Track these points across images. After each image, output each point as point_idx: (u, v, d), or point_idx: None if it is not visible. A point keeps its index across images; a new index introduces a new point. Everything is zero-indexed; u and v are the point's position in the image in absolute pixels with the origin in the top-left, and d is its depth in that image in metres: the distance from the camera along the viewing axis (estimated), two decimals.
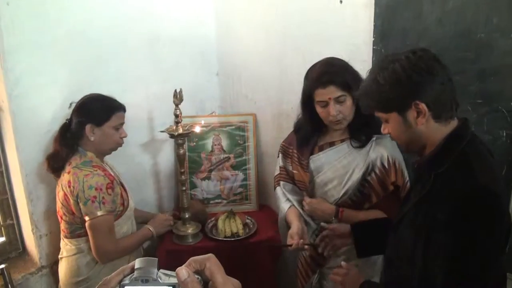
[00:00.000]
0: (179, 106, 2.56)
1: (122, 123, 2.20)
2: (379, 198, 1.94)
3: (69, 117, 2.19)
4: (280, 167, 2.28)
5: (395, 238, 1.53)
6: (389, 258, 1.62)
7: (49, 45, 2.27)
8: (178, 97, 2.54)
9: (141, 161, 2.92)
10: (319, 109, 1.95)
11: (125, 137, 2.24)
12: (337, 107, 1.89)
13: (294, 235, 1.93)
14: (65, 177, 2.07)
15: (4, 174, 2.37)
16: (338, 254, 2.05)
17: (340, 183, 1.98)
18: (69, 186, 2.03)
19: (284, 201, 2.18)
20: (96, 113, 2.12)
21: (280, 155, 2.28)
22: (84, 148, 2.14)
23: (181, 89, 2.54)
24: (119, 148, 2.67)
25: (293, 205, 2.13)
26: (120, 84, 2.67)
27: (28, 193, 2.29)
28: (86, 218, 2.04)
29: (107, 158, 2.33)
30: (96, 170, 2.07)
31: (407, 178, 1.92)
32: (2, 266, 2.15)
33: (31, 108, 2.22)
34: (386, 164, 1.91)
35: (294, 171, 2.16)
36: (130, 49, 2.71)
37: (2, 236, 2.43)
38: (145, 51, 2.81)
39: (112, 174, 2.19)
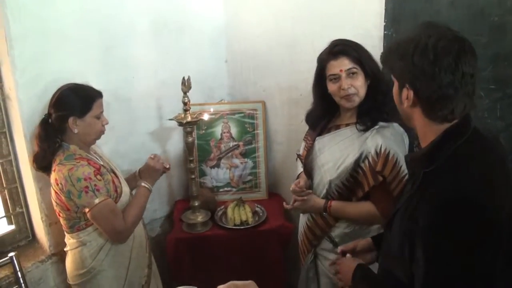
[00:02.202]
0: (188, 93, 2.55)
1: (102, 111, 2.15)
2: (369, 187, 1.93)
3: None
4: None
5: (389, 235, 1.47)
6: (383, 255, 1.58)
7: (56, 32, 2.26)
8: (186, 85, 2.53)
9: (149, 149, 2.89)
10: (330, 86, 1.98)
11: (107, 124, 2.18)
12: (348, 80, 1.92)
13: (296, 182, 2.16)
14: (52, 176, 2.04)
15: (13, 163, 2.37)
16: (332, 238, 2.10)
17: (334, 165, 2.01)
18: (57, 184, 2.00)
19: (299, 168, 2.32)
20: (77, 105, 2.05)
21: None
22: (67, 142, 2.09)
23: (189, 77, 2.53)
24: (127, 136, 2.69)
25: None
26: (128, 72, 2.67)
27: (37, 181, 2.29)
28: (86, 210, 2.00)
29: (96, 147, 2.31)
30: (79, 162, 2.02)
31: (403, 175, 1.86)
32: (12, 254, 2.17)
33: (39, 96, 2.21)
34: (378, 152, 1.90)
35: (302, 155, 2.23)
36: (138, 36, 2.70)
37: (12, 224, 2.44)
38: (153, 38, 2.79)
39: (99, 163, 2.14)
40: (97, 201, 1.99)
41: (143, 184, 2.26)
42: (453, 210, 1.16)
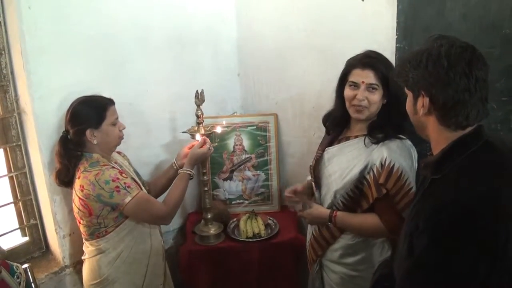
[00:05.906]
0: (201, 106, 2.56)
1: (117, 117, 2.20)
2: (373, 199, 1.92)
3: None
4: None
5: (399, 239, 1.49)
6: (394, 259, 1.58)
7: (71, 47, 2.29)
8: (199, 98, 2.54)
9: (163, 161, 2.92)
10: (347, 91, 1.98)
11: (124, 129, 2.23)
12: (366, 93, 1.91)
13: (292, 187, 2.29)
14: (77, 183, 2.08)
15: (28, 175, 2.39)
16: (336, 249, 2.09)
17: (340, 176, 2.01)
18: (82, 190, 2.04)
19: (309, 177, 2.32)
20: (91, 116, 2.11)
21: None
22: (89, 152, 2.14)
23: (202, 90, 2.54)
24: (141, 149, 2.70)
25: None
26: (142, 85, 2.69)
27: (51, 193, 2.31)
28: (121, 208, 2.06)
29: (118, 156, 2.37)
30: (104, 167, 2.08)
31: (408, 189, 1.85)
32: (26, 265, 2.18)
33: (54, 110, 2.24)
34: (383, 164, 1.88)
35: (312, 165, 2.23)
36: (152, 50, 2.72)
37: (26, 236, 2.45)
38: (166, 52, 2.81)
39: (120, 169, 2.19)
40: (129, 198, 2.05)
41: (183, 170, 2.38)
42: (446, 213, 1.18)
